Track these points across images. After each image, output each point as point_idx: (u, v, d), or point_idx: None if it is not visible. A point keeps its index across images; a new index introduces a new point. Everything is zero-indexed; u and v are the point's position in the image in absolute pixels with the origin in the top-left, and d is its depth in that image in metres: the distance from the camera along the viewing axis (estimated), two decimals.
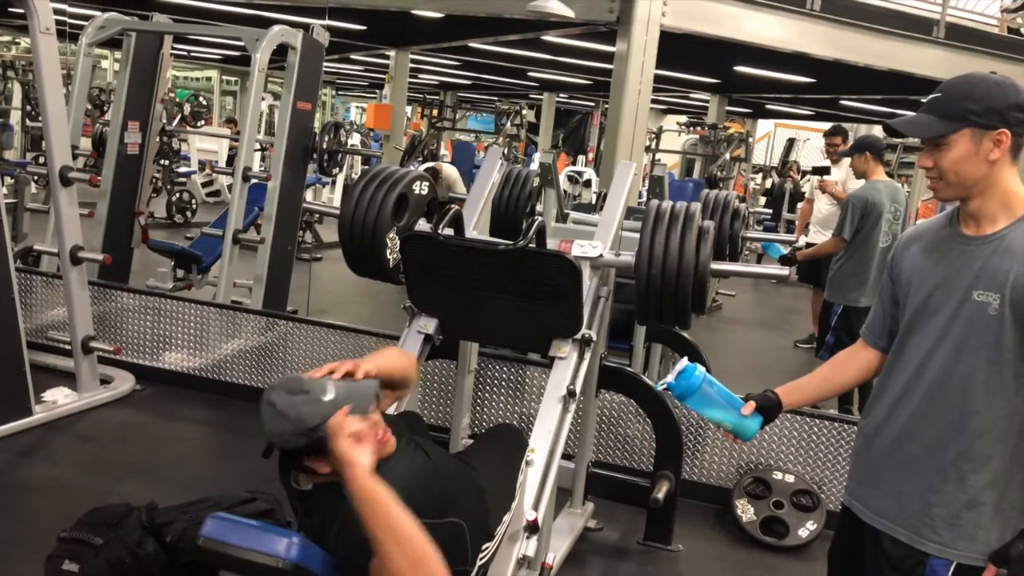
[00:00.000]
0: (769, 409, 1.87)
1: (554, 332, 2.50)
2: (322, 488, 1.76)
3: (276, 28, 4.86)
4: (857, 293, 4.71)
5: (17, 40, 14.92)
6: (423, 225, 2.80)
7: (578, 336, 2.49)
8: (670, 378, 1.86)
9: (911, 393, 1.71)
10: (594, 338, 2.54)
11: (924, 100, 1.69)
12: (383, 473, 1.69)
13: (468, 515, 1.90)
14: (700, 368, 1.85)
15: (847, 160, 6.46)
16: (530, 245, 2.37)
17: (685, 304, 2.51)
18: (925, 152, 1.68)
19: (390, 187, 2.71)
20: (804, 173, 11.25)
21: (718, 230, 3.28)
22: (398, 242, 2.66)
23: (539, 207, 4.08)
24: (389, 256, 2.73)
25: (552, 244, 2.54)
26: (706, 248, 2.50)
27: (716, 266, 2.63)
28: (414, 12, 7.48)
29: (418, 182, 2.82)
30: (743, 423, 1.84)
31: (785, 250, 5.13)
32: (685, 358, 1.90)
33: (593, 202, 8.65)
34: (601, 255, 2.67)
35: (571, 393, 2.42)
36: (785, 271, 2.93)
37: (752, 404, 1.85)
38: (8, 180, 6.48)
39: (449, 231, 2.47)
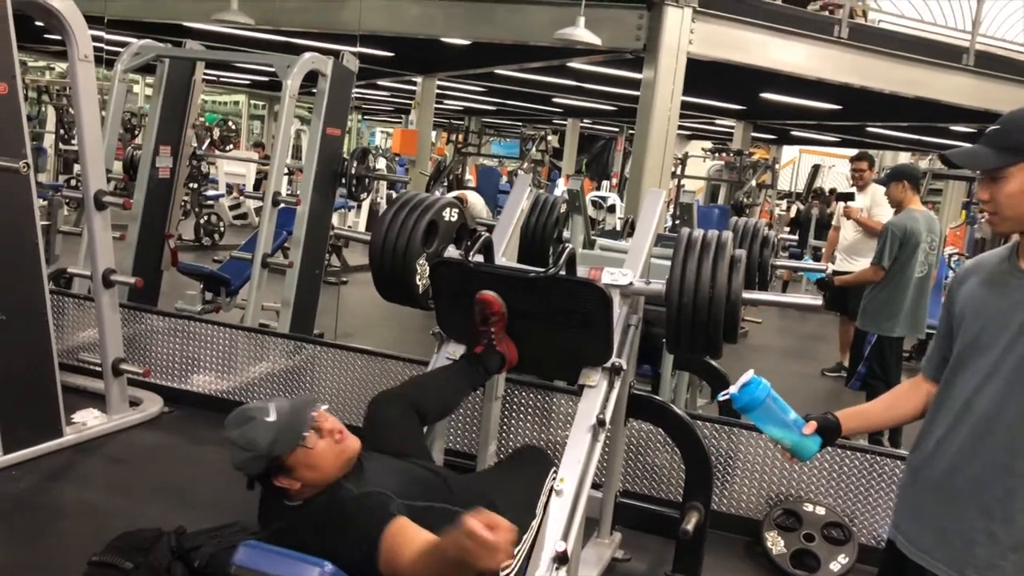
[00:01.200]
0: (828, 432, 1.84)
1: (584, 360, 2.48)
2: (313, 500, 1.87)
3: (307, 55, 4.92)
4: (892, 323, 4.67)
5: (52, 65, 15.24)
6: (452, 252, 2.81)
7: (608, 364, 2.47)
8: (733, 389, 1.83)
9: (958, 429, 1.69)
10: (624, 367, 2.52)
11: (984, 132, 1.68)
12: (369, 475, 1.91)
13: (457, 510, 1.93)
14: (765, 381, 1.82)
15: (872, 187, 6.45)
16: (560, 273, 2.37)
17: (717, 334, 2.48)
18: (983, 185, 1.66)
19: (420, 214, 2.72)
20: (833, 195, 11.15)
21: (748, 258, 3.26)
22: (427, 268, 2.67)
23: (566, 233, 4.08)
24: (419, 282, 2.74)
25: (582, 271, 2.54)
26: (738, 277, 2.48)
27: (748, 295, 2.61)
28: (442, 39, 7.56)
29: (448, 209, 2.83)
30: (803, 443, 1.81)
31: (820, 274, 5.08)
32: (751, 370, 1.86)
33: (618, 227, 8.67)
34: (631, 283, 2.65)
35: (601, 422, 2.40)
36: (818, 301, 2.91)
37: (813, 424, 1.83)
38: (42, 203, 6.59)
39: (479, 257, 2.48)
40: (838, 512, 3.45)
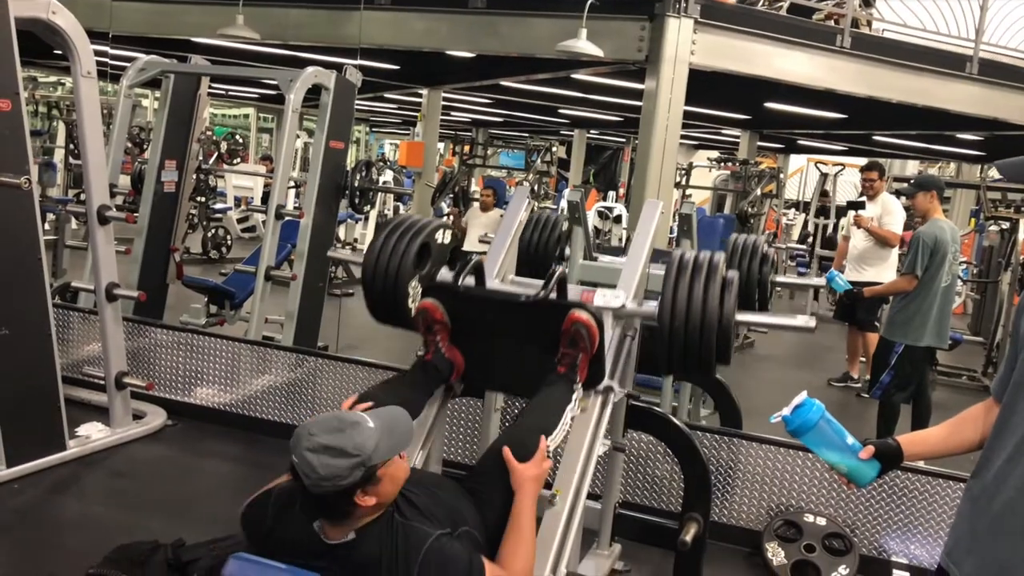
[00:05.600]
0: (890, 457, 1.77)
1: None
2: (367, 532, 1.75)
3: (310, 69, 4.96)
4: (920, 332, 4.69)
5: (62, 81, 15.38)
6: (446, 273, 2.82)
7: (600, 388, 2.47)
8: (786, 411, 1.77)
9: (1018, 460, 1.59)
10: (615, 388, 2.52)
11: None
12: (405, 502, 1.83)
13: (474, 525, 1.96)
14: (819, 403, 1.77)
15: (883, 196, 6.44)
16: (551, 295, 2.37)
17: (709, 356, 2.46)
18: None
19: (412, 236, 2.71)
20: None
21: (747, 275, 3.25)
22: (420, 291, 2.67)
23: (567, 251, 4.07)
24: (411, 305, 2.73)
25: (574, 292, 2.54)
26: (730, 299, 2.45)
27: (741, 317, 2.57)
28: (447, 52, 7.59)
29: (440, 231, 2.83)
30: (860, 468, 1.75)
31: (848, 285, 5.05)
32: (805, 392, 1.79)
33: (622, 239, 8.65)
34: (623, 305, 2.64)
35: (592, 444, 2.39)
36: (812, 324, 2.82)
37: (871, 449, 1.76)
38: (50, 217, 6.64)
39: (470, 280, 2.48)
40: (839, 523, 3.43)
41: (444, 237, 2.82)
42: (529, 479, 2.03)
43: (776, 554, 3.38)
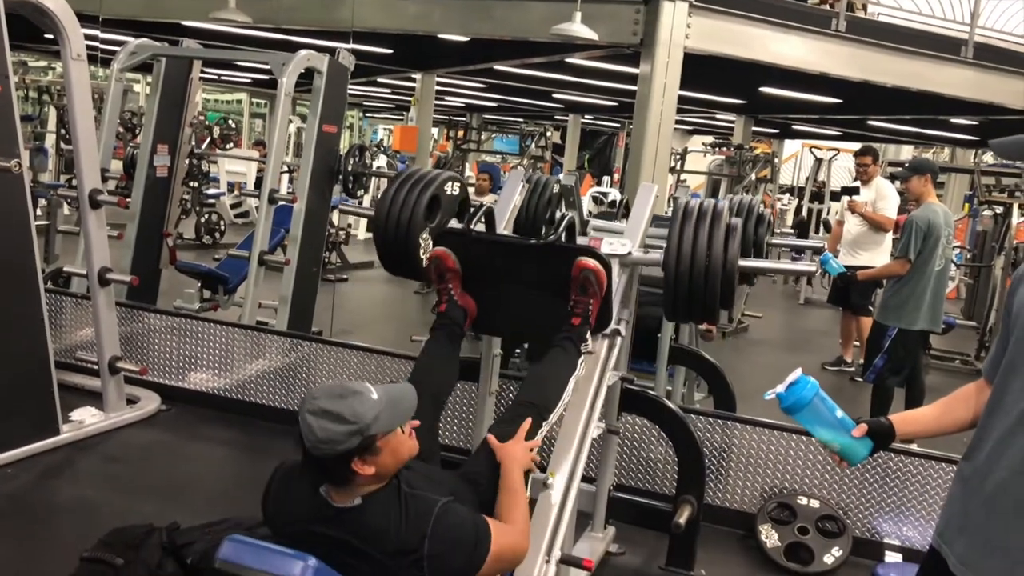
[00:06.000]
0: (882, 436, 1.77)
1: None
2: (373, 498, 1.77)
3: (302, 53, 4.92)
4: (913, 316, 4.71)
5: (53, 65, 15.24)
6: (455, 225, 2.85)
7: (607, 331, 2.55)
8: (780, 388, 1.76)
9: (1009, 442, 1.58)
10: (623, 333, 2.58)
11: None
12: (411, 476, 1.86)
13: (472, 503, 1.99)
14: (813, 381, 1.76)
15: (877, 180, 6.44)
16: (560, 242, 2.44)
17: (713, 300, 2.53)
18: None
19: (423, 188, 2.72)
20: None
21: (743, 235, 3.28)
22: (431, 242, 2.70)
23: (558, 213, 4.10)
24: (422, 256, 2.75)
25: (582, 242, 2.60)
26: (734, 244, 2.53)
27: (744, 263, 2.66)
28: (440, 36, 7.55)
29: (450, 183, 2.83)
30: (853, 445, 1.75)
31: (842, 268, 5.08)
32: (799, 369, 1.78)
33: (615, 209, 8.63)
34: (630, 252, 2.72)
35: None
36: (813, 267, 3.03)
37: (864, 427, 1.76)
38: (42, 202, 6.60)
39: (481, 227, 2.55)
40: (832, 505, 3.45)
41: (454, 189, 2.82)
42: (511, 455, 2.10)
43: (770, 536, 3.40)
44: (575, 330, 2.47)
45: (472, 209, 2.71)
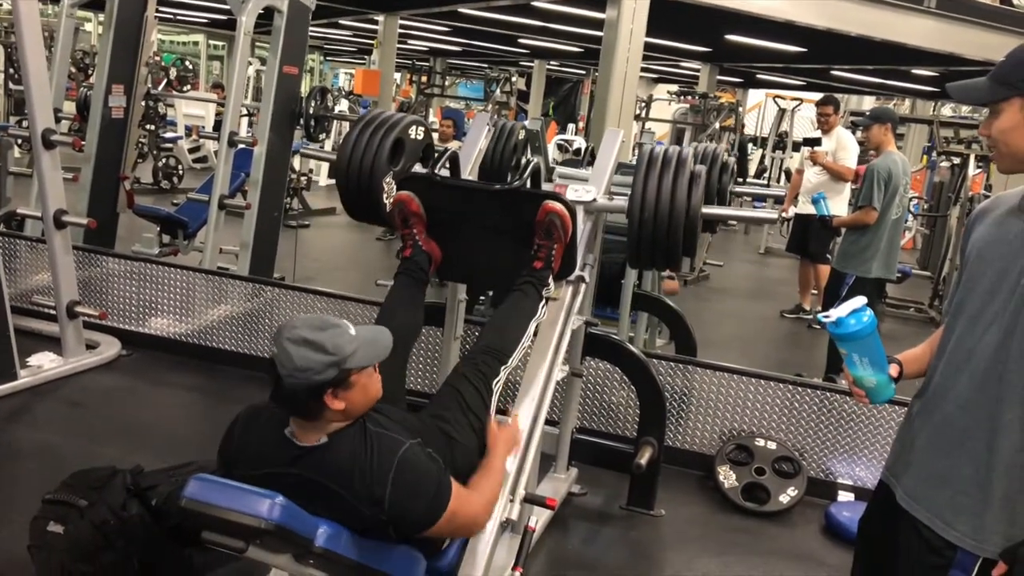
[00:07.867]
0: (896, 378, 1.76)
1: None
2: (339, 436, 1.77)
3: None
4: (869, 264, 4.78)
5: (0, 2, 14.67)
6: (420, 169, 2.81)
7: (572, 277, 2.56)
8: (841, 312, 1.62)
9: (955, 378, 1.62)
10: (587, 279, 2.60)
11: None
12: (377, 417, 1.86)
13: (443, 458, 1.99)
14: (871, 312, 1.65)
15: (838, 131, 6.48)
16: (525, 187, 2.42)
17: (676, 247, 2.56)
18: (986, 119, 1.59)
19: (386, 132, 2.68)
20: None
21: (707, 181, 3.30)
22: (394, 186, 2.67)
23: (524, 160, 4.07)
24: (385, 200, 2.72)
25: (547, 188, 2.60)
26: (697, 192, 2.55)
27: (707, 210, 2.68)
28: None
29: (414, 127, 2.80)
30: (888, 384, 1.70)
31: (826, 211, 5.18)
32: (864, 298, 1.66)
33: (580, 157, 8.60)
34: (595, 199, 2.73)
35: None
36: (774, 214, 3.04)
37: (896, 367, 1.72)
38: None
39: (445, 172, 2.51)
40: (788, 447, 3.54)
41: (418, 133, 2.79)
42: (504, 440, 2.18)
43: (728, 477, 3.48)
44: (536, 274, 2.47)
45: (436, 154, 2.69)
